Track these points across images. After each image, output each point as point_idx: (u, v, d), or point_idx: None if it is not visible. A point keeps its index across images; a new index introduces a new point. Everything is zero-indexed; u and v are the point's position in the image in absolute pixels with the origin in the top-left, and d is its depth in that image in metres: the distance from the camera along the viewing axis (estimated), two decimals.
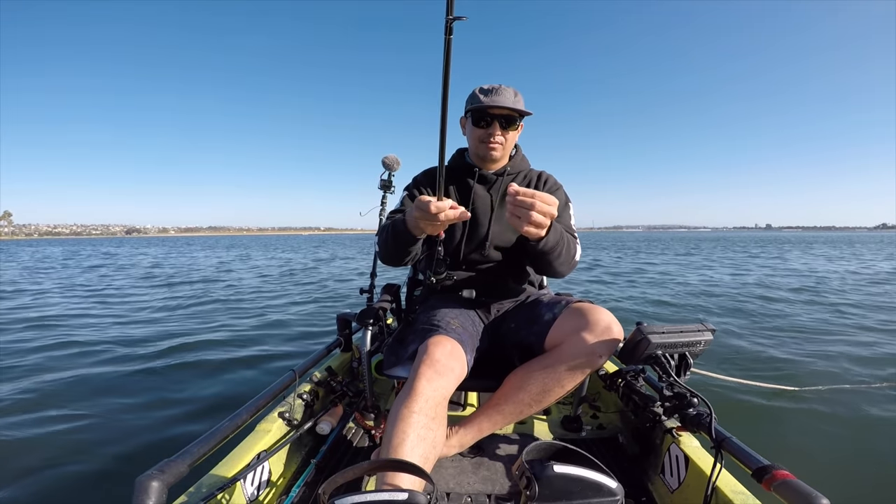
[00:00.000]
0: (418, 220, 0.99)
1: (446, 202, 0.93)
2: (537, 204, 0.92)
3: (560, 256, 1.14)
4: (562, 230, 1.12)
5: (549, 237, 1.05)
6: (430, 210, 0.92)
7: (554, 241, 1.08)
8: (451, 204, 0.94)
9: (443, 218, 0.93)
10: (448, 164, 1.47)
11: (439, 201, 0.93)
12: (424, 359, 1.05)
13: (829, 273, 10.01)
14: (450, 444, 1.21)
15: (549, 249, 1.09)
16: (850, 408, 2.42)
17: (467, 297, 1.38)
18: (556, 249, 1.11)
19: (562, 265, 1.18)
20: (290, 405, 1.30)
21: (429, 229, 1.01)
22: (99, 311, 5.72)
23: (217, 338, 4.11)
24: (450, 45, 0.69)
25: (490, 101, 1.26)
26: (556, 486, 0.74)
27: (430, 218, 0.94)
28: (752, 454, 0.90)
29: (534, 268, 1.43)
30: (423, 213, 0.95)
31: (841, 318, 4.82)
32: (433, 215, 0.93)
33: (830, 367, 3.10)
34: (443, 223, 0.96)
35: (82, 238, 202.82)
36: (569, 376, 1.11)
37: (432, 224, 0.97)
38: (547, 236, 1.04)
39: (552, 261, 1.14)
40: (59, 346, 3.82)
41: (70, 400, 2.59)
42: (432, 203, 0.92)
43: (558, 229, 1.09)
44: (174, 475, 0.78)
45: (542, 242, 1.06)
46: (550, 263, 1.16)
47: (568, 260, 1.18)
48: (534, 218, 0.93)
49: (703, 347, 1.09)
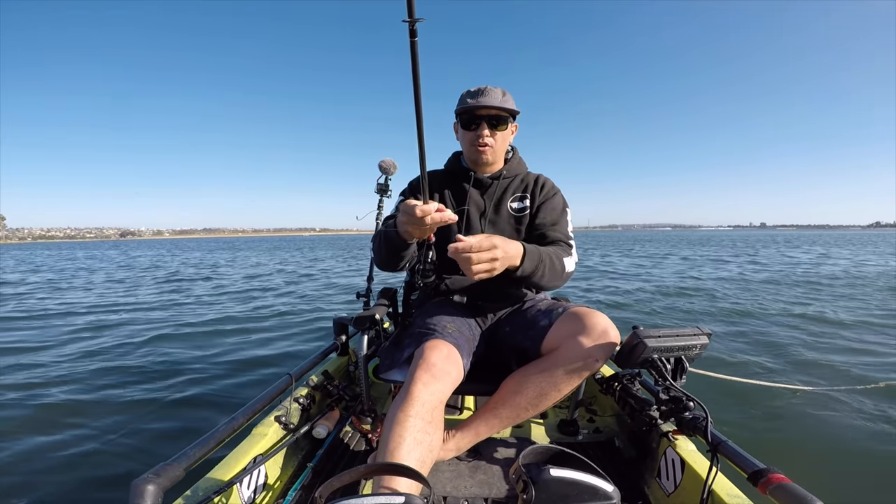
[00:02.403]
0: (406, 225, 1.00)
1: (432, 206, 0.94)
2: (472, 258, 0.95)
3: (543, 277, 1.15)
4: (540, 253, 1.14)
5: (525, 265, 1.09)
6: (415, 214, 0.93)
7: (531, 267, 1.10)
8: (438, 207, 0.95)
9: (429, 221, 0.94)
10: (444, 168, 1.48)
11: (425, 205, 0.93)
12: (421, 363, 1.05)
13: (833, 270, 10.17)
14: (447, 447, 1.21)
15: (528, 275, 1.11)
16: (850, 408, 2.44)
17: (458, 302, 1.39)
18: (536, 273, 1.13)
19: (548, 283, 1.20)
20: (286, 409, 1.30)
21: (416, 233, 1.02)
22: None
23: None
24: (416, 48, 0.69)
25: (476, 101, 1.26)
26: (553, 490, 0.75)
27: (416, 222, 0.95)
28: (747, 458, 0.90)
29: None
30: (409, 216, 0.96)
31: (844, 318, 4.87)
32: (419, 219, 0.94)
33: (833, 367, 3.13)
34: (430, 227, 0.97)
35: (76, 241, 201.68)
36: (565, 380, 1.11)
37: (419, 228, 0.98)
38: (522, 265, 1.08)
39: (537, 282, 1.16)
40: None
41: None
42: (417, 207, 0.93)
43: (535, 254, 1.12)
44: (170, 479, 0.78)
45: (519, 271, 1.08)
46: (536, 284, 1.18)
47: (554, 277, 1.19)
48: (477, 269, 0.96)
49: (699, 351, 1.09)
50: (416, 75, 0.73)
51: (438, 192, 1.40)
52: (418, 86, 0.74)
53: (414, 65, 0.72)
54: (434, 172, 1.46)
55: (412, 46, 0.69)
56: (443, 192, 1.40)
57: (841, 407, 2.47)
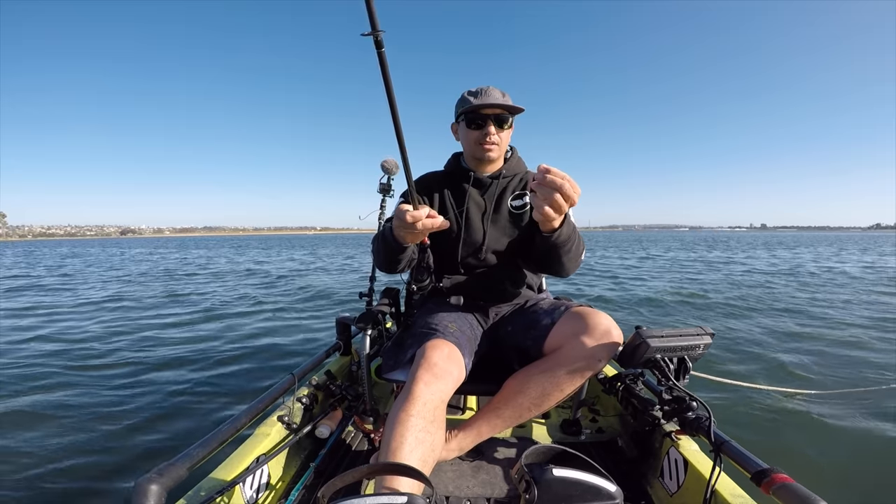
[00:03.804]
0: (398, 229, 1.00)
1: (423, 211, 0.94)
2: (566, 186, 0.87)
3: (570, 252, 1.11)
4: (574, 224, 1.09)
5: (563, 229, 1.03)
6: (405, 220, 0.93)
7: (567, 233, 1.05)
8: (429, 213, 0.95)
9: (420, 227, 0.94)
10: (444, 169, 1.48)
11: (415, 210, 0.93)
12: (422, 362, 1.05)
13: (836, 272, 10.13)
14: (449, 447, 1.21)
15: (562, 242, 1.06)
16: (853, 410, 2.42)
17: (460, 302, 1.38)
18: (569, 244, 1.08)
19: (570, 261, 1.15)
20: (289, 409, 1.30)
21: (409, 238, 1.02)
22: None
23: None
24: (384, 59, 0.69)
25: (481, 101, 1.27)
26: (556, 490, 0.74)
27: (407, 227, 0.95)
28: (750, 458, 0.90)
29: (541, 266, 1.31)
30: (400, 221, 0.96)
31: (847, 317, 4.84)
32: (410, 224, 0.93)
33: (834, 367, 3.11)
34: (421, 232, 0.97)
35: (77, 239, 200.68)
36: (568, 380, 1.11)
37: (411, 233, 0.98)
38: (561, 228, 1.02)
39: (562, 255, 1.10)
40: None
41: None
42: (408, 213, 0.93)
43: (571, 223, 1.06)
44: (173, 478, 0.78)
45: (556, 234, 1.02)
46: (560, 258, 1.12)
47: (576, 256, 1.15)
48: (556, 200, 0.88)
49: (703, 351, 1.09)
50: (389, 87, 0.72)
51: (438, 193, 1.40)
52: (393, 97, 0.74)
53: (385, 77, 0.71)
54: (434, 174, 1.47)
55: (380, 58, 0.69)
56: (443, 192, 1.40)
57: (843, 407, 2.46)
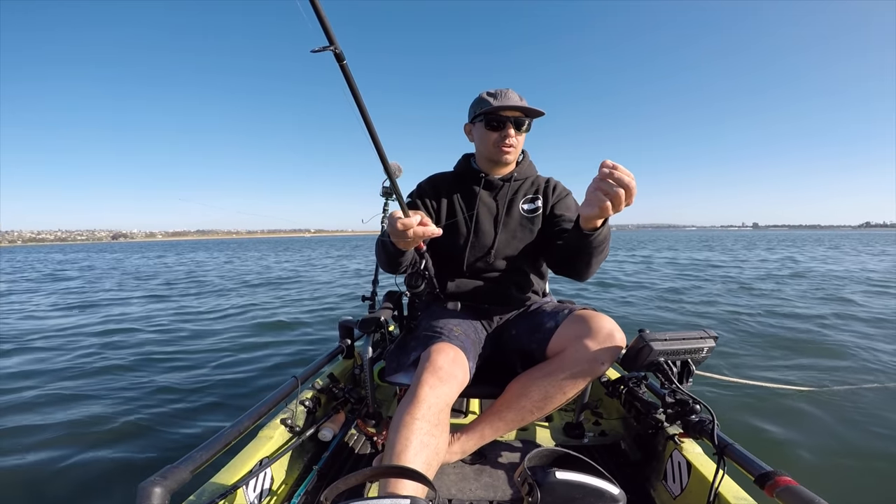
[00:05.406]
0: (391, 235, 1.00)
1: (415, 218, 0.94)
2: (633, 185, 0.85)
3: (602, 253, 1.09)
4: (610, 226, 1.07)
5: (604, 229, 1.01)
6: (396, 227, 0.93)
7: (605, 234, 1.04)
8: (421, 220, 0.94)
9: (411, 235, 0.94)
10: (454, 170, 1.48)
11: (406, 218, 0.93)
12: (427, 366, 1.05)
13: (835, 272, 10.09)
14: (452, 450, 1.21)
15: (599, 242, 1.04)
16: (857, 409, 2.41)
17: (464, 305, 1.38)
18: (604, 244, 1.07)
19: (597, 263, 1.13)
20: (292, 412, 1.30)
21: (401, 244, 1.01)
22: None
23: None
24: (348, 71, 0.68)
25: (501, 102, 1.26)
26: (559, 493, 0.74)
27: (398, 234, 0.95)
28: (754, 460, 0.90)
29: (564, 265, 1.22)
30: (392, 228, 0.96)
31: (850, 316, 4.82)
32: (402, 231, 0.93)
33: (835, 368, 3.10)
34: (413, 239, 0.96)
35: (67, 244, 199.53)
36: (571, 383, 1.11)
37: (403, 240, 0.97)
38: (602, 227, 1.00)
39: (594, 255, 1.08)
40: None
41: None
42: (399, 220, 0.93)
43: (608, 224, 1.05)
44: (176, 481, 0.78)
45: (597, 233, 1.01)
46: (590, 259, 1.10)
47: (603, 259, 1.14)
48: (618, 195, 0.86)
49: (706, 354, 1.09)
50: (359, 99, 0.72)
51: (447, 195, 1.39)
52: (364, 109, 0.74)
53: (353, 90, 0.71)
54: (443, 175, 1.46)
55: (343, 71, 0.68)
56: (452, 195, 1.39)
57: (845, 408, 2.44)
